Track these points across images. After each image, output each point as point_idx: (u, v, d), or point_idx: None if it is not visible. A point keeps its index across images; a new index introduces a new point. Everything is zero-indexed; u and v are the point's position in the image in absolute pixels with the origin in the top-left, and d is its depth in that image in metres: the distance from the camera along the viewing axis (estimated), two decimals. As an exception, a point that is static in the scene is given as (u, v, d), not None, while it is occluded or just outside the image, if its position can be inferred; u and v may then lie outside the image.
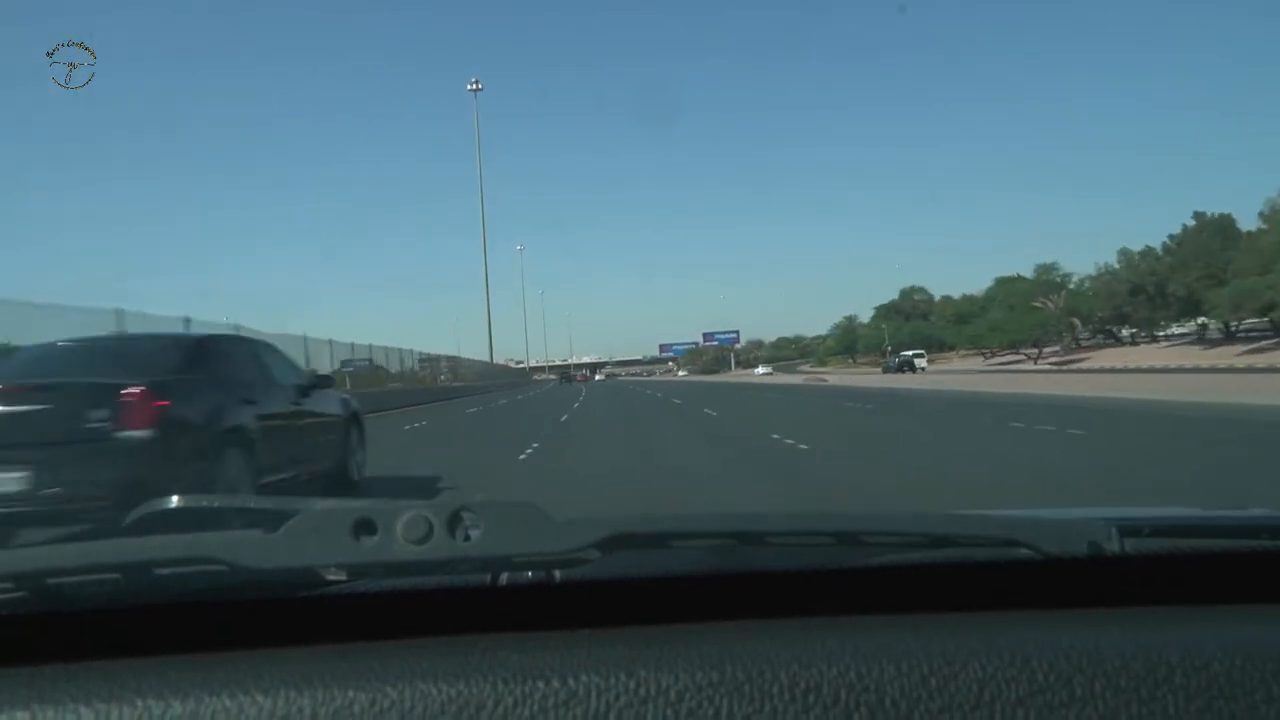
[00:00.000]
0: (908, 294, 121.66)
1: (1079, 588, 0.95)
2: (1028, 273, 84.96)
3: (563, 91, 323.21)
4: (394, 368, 41.99)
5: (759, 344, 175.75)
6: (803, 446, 11.32)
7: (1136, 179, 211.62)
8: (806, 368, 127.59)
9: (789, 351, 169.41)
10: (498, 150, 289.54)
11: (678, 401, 29.27)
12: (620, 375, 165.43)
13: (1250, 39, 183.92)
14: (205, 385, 5.84)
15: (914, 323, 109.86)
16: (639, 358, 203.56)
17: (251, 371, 6.70)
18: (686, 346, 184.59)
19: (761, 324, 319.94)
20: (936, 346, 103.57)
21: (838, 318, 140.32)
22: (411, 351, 46.58)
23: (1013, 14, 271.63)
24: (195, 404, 5.56)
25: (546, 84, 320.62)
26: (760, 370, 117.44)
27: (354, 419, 8.53)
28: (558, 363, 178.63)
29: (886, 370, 73.30)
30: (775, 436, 12.94)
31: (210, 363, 6.24)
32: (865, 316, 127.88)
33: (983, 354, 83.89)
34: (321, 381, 8.19)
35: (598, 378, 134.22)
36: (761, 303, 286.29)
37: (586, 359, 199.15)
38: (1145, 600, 0.92)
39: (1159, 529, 1.02)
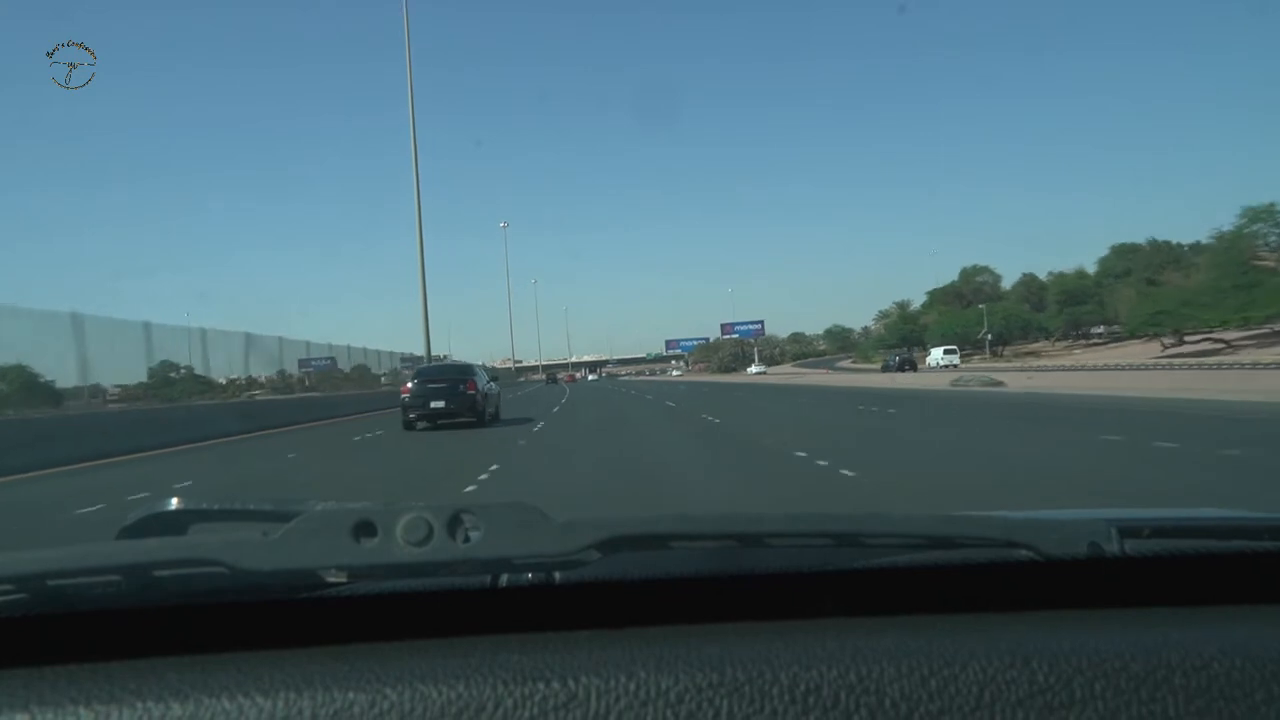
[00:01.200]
0: (970, 275, 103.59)
1: (1079, 589, 0.94)
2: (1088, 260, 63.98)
3: (568, 90, 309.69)
4: (380, 369, 45.29)
5: (777, 338, 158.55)
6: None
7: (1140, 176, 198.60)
8: (848, 363, 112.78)
9: (824, 346, 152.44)
10: (504, 148, 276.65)
11: (671, 403, 26.70)
12: (623, 375, 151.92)
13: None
14: (478, 379, 19.22)
15: (1004, 304, 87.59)
16: (642, 356, 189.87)
17: (481, 374, 20.04)
18: (696, 342, 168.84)
19: (781, 320, 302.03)
20: (1037, 333, 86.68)
21: (867, 312, 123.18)
22: (392, 354, 49.07)
23: (1015, 12, 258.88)
24: (478, 385, 18.90)
25: (551, 81, 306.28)
26: (754, 369, 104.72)
27: (499, 394, 21.63)
28: (557, 361, 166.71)
29: (886, 369, 61.31)
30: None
31: (474, 372, 19.85)
32: (912, 305, 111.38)
33: (1161, 341, 60.63)
34: (494, 377, 22.39)
35: (591, 378, 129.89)
36: (780, 299, 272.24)
37: (587, 357, 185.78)
38: (1145, 601, 0.92)
39: (1159, 530, 1.01)
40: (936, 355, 68.98)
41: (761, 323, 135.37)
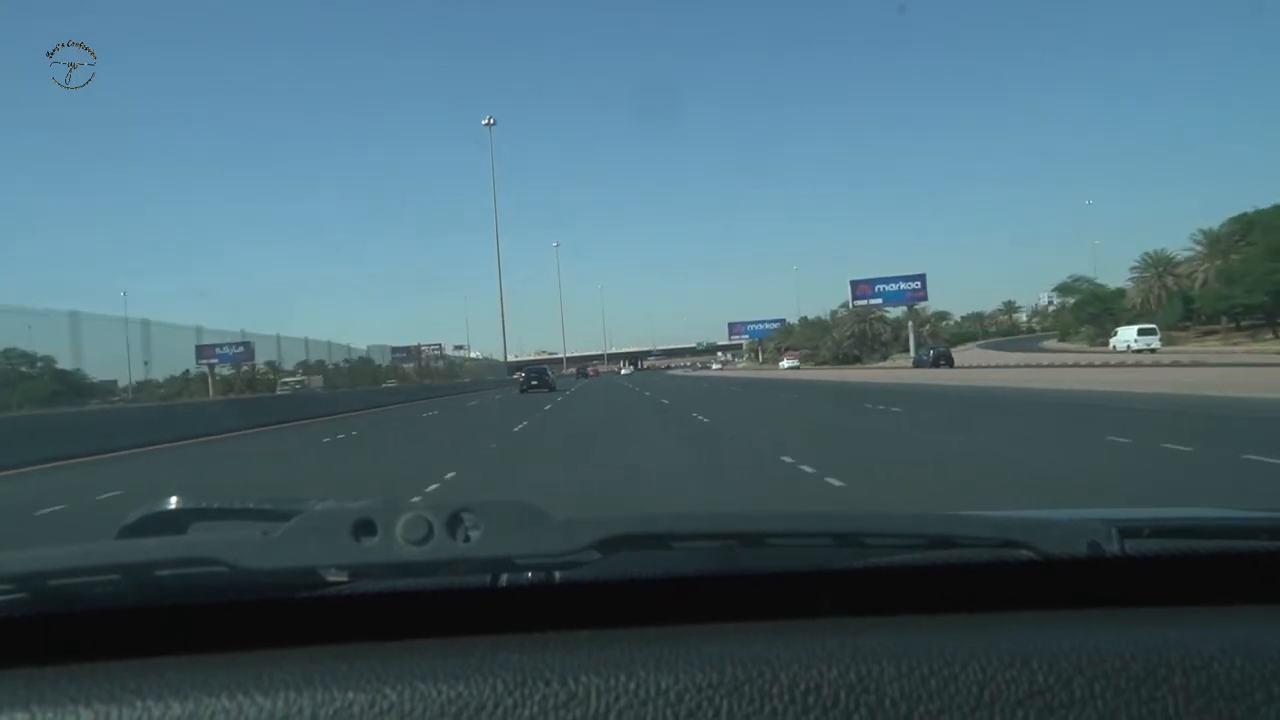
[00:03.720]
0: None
1: (1079, 589, 0.94)
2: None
3: (570, 85, 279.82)
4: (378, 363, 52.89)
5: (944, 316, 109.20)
6: None
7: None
8: (1051, 343, 72.39)
9: (994, 323, 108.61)
10: (535, 144, 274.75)
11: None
12: (676, 368, 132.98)
13: None
14: (548, 371, 51.94)
15: None
16: (692, 345, 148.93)
17: (548, 369, 53.29)
18: (772, 325, 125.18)
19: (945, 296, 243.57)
20: None
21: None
22: (384, 348, 56.85)
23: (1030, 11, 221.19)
24: (549, 374, 50.71)
25: (552, 76, 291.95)
26: (786, 364, 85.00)
27: (556, 378, 55.22)
28: (593, 353, 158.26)
29: (918, 364, 53.99)
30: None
31: (547, 368, 53.42)
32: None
33: None
34: (550, 367, 56.82)
35: (624, 371, 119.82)
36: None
37: (629, 348, 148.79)
38: (1145, 601, 0.91)
39: (1159, 530, 1.01)
40: (1127, 336, 55.16)
41: (921, 278, 76.42)
